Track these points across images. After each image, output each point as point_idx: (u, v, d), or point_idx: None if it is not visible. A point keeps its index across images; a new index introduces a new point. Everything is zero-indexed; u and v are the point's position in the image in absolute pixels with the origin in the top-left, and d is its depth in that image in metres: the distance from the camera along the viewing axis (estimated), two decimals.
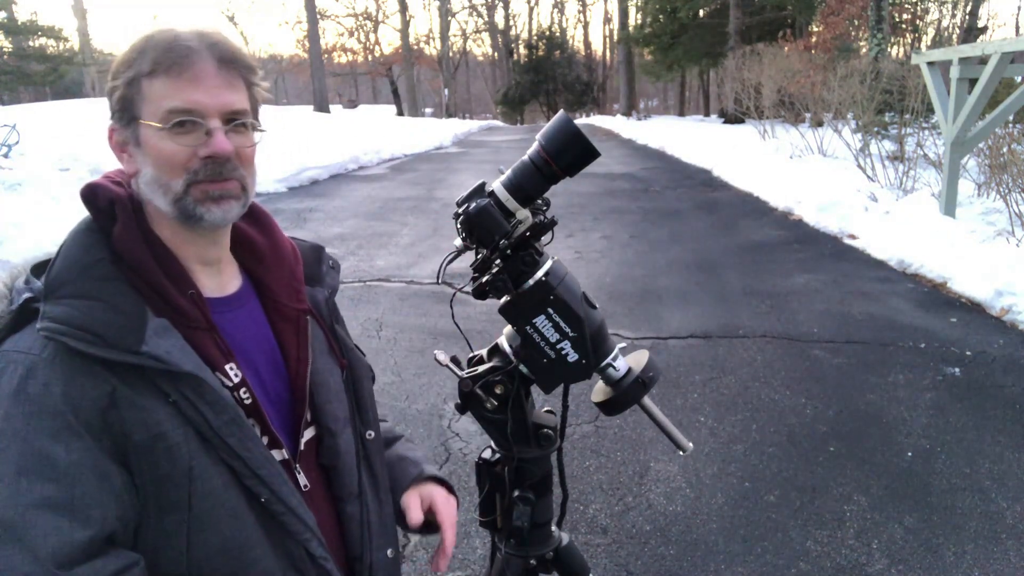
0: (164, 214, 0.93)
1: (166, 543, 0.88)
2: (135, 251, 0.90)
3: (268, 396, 1.00)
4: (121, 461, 0.85)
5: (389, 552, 1.12)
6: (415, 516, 1.15)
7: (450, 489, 1.23)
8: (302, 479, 1.01)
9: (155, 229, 0.94)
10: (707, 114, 34.07)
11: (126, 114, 0.91)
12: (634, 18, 36.12)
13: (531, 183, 1.10)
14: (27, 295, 0.88)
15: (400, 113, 39.14)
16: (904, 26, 25.33)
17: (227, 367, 0.94)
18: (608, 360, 1.16)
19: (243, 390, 0.95)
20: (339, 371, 1.10)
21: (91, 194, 0.93)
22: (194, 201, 0.91)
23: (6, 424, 0.81)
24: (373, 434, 1.13)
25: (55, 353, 0.83)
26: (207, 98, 0.90)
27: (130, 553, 0.85)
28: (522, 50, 49.69)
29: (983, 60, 6.77)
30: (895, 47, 25.04)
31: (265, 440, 0.96)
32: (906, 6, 24.99)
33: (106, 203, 0.92)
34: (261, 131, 0.98)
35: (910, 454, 3.23)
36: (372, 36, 59.57)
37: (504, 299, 1.12)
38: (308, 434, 1.04)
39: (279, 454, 0.98)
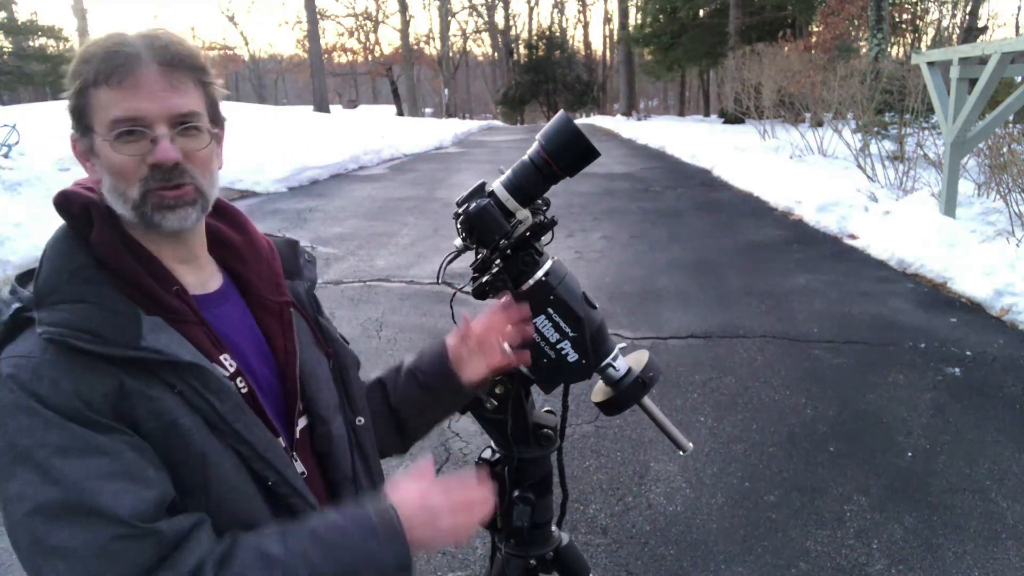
0: (128, 220, 0.93)
1: None
2: (116, 254, 0.91)
3: (261, 387, 1.01)
4: None
5: None
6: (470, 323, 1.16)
7: None
8: (299, 467, 1.02)
9: (131, 231, 0.94)
10: (707, 114, 34.06)
11: (81, 124, 0.91)
12: (634, 18, 36.13)
13: (531, 183, 1.10)
14: (17, 305, 0.88)
15: (400, 113, 39.14)
16: (904, 26, 25.33)
17: (221, 358, 0.95)
18: (608, 360, 1.16)
19: (239, 379, 0.96)
20: (326, 360, 1.11)
21: (64, 201, 0.93)
22: (152, 208, 0.91)
23: (34, 417, 0.81)
24: (363, 420, 1.14)
25: (57, 354, 0.84)
26: (150, 104, 0.89)
27: (198, 513, 0.87)
28: (522, 50, 49.69)
29: (983, 60, 6.76)
30: (895, 47, 25.05)
31: (264, 426, 0.97)
32: (906, 6, 24.99)
33: (80, 209, 0.93)
34: (214, 132, 0.97)
35: (910, 454, 3.23)
36: (372, 36, 59.53)
37: None
38: (301, 423, 1.05)
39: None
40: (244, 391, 0.96)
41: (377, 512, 0.93)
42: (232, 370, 0.96)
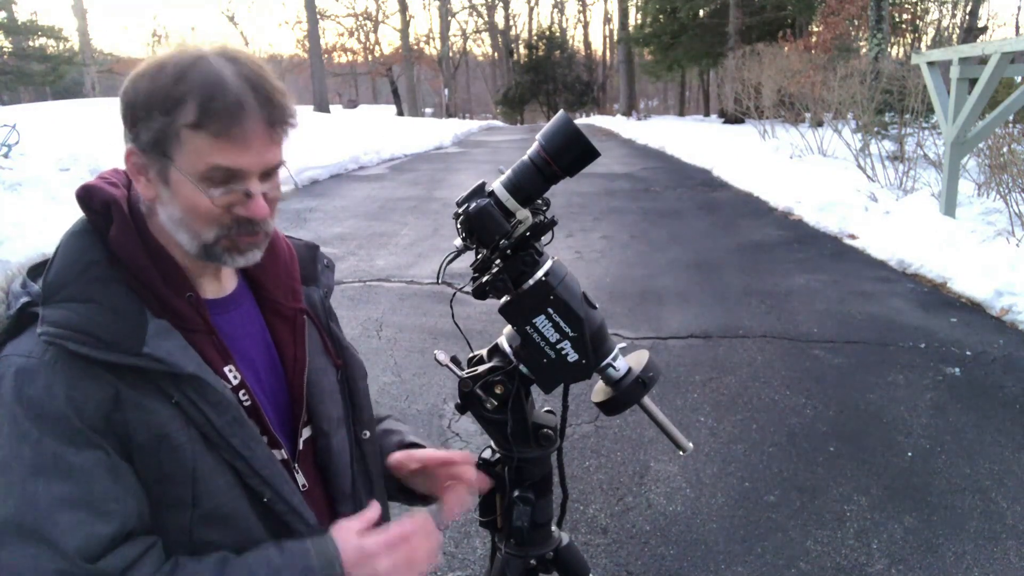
0: (181, 246, 0.91)
1: (170, 540, 0.88)
2: (132, 253, 0.89)
3: (266, 397, 1.00)
4: (128, 460, 0.85)
5: None
6: (408, 460, 1.14)
7: None
8: (301, 479, 1.01)
9: (153, 232, 0.93)
10: (707, 114, 34.05)
11: (156, 149, 0.86)
12: (634, 18, 36.16)
13: (531, 183, 1.10)
14: (24, 299, 0.88)
15: (400, 113, 39.12)
16: (904, 26, 25.33)
17: (226, 369, 0.94)
18: (608, 360, 1.16)
19: (242, 392, 0.94)
20: (333, 371, 1.09)
21: (86, 195, 0.91)
22: (223, 250, 0.90)
23: (14, 427, 0.81)
24: (368, 434, 1.12)
25: (56, 357, 0.83)
26: (253, 161, 0.86)
27: (147, 537, 0.86)
28: (522, 50, 49.70)
29: (983, 60, 6.77)
30: (895, 47, 25.07)
31: (264, 440, 0.96)
32: (906, 6, 24.99)
33: (101, 205, 0.91)
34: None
35: (910, 454, 3.23)
36: (372, 36, 59.57)
37: (504, 299, 1.12)
38: (306, 433, 1.04)
39: (278, 454, 0.98)
40: (247, 403, 0.94)
41: (317, 553, 0.91)
42: (236, 382, 0.94)
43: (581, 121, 31.34)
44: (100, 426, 0.83)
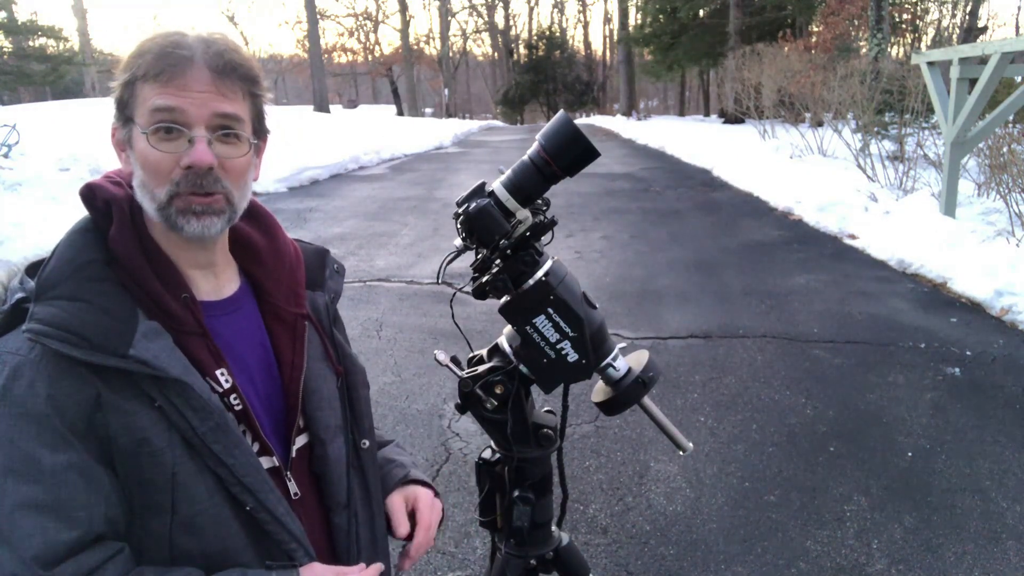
0: (152, 219, 0.92)
1: (150, 544, 0.88)
2: (129, 253, 0.90)
3: (261, 402, 0.99)
4: (107, 462, 0.85)
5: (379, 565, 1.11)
6: (400, 526, 1.13)
7: (436, 494, 1.21)
8: (292, 487, 1.00)
9: (150, 231, 0.93)
10: (707, 114, 34.04)
11: (123, 114, 0.91)
12: (634, 18, 36.16)
13: (531, 183, 1.09)
14: (19, 295, 0.88)
15: (400, 113, 39.13)
16: (904, 26, 25.32)
17: (218, 372, 0.93)
18: (608, 360, 1.16)
19: (233, 396, 0.94)
20: (334, 378, 1.08)
21: (89, 194, 0.92)
22: (176, 212, 0.90)
23: None
24: (368, 443, 1.11)
25: (42, 355, 0.83)
26: (192, 106, 0.88)
27: (113, 543, 0.85)
28: (522, 50, 49.73)
29: (983, 60, 6.77)
30: (895, 47, 25.05)
31: (256, 447, 0.95)
32: (906, 6, 24.98)
33: (103, 204, 0.92)
34: (254, 142, 0.96)
35: (910, 454, 3.23)
36: (372, 36, 59.65)
37: (504, 299, 1.12)
38: (300, 441, 1.03)
39: (269, 461, 0.97)
40: (238, 408, 0.94)
41: None
42: (227, 386, 0.93)
43: (581, 121, 31.34)
44: (81, 427, 0.83)
